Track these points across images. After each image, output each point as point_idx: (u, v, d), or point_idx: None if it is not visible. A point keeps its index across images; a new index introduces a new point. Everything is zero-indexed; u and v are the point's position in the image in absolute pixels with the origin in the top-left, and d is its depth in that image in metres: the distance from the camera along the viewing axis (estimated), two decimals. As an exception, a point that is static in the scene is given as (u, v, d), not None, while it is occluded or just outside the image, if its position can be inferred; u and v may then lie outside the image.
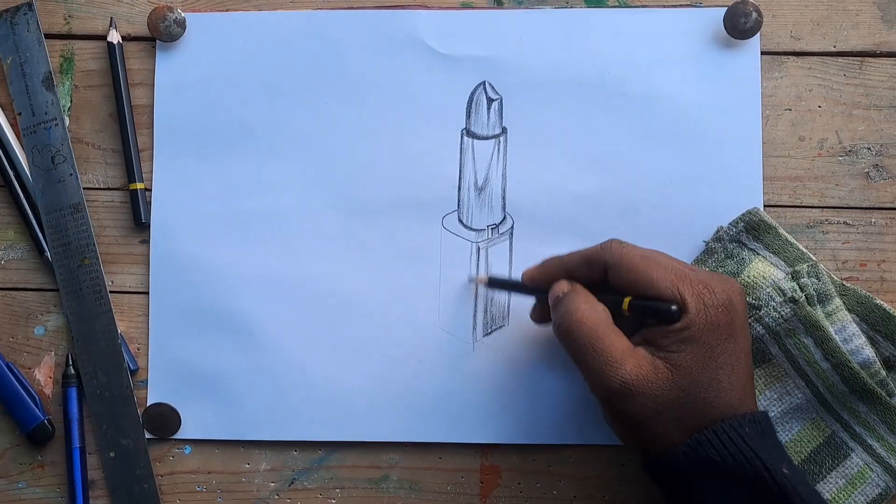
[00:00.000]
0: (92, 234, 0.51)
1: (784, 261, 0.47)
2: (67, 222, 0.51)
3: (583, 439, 0.50)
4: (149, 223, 0.51)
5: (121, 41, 0.52)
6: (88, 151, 0.52)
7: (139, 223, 0.51)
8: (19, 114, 0.52)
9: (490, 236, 0.50)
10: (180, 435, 0.50)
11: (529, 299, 0.47)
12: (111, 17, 0.52)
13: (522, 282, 0.46)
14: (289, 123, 0.51)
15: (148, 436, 0.51)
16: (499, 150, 0.50)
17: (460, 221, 0.50)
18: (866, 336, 0.47)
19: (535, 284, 0.45)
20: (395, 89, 0.51)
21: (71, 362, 0.51)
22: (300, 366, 0.50)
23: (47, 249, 0.51)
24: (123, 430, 0.50)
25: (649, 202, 0.50)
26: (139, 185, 0.51)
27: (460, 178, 0.51)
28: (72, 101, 0.52)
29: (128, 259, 0.52)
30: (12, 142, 0.51)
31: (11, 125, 0.52)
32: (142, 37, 0.52)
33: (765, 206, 0.50)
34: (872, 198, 0.50)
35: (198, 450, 0.51)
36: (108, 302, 0.51)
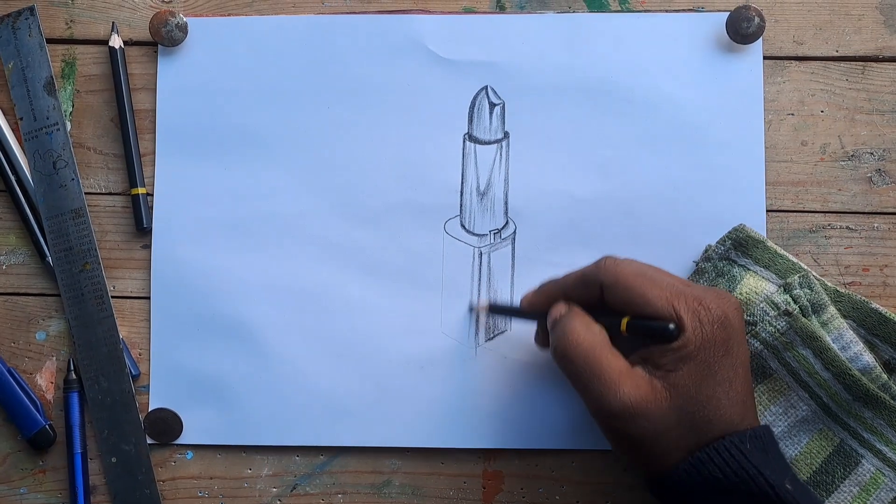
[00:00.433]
0: (93, 239, 0.51)
1: (775, 273, 0.47)
2: (69, 227, 0.51)
3: (585, 444, 0.50)
4: (150, 228, 0.51)
5: (122, 46, 0.52)
6: (90, 156, 0.52)
7: (141, 228, 0.51)
8: (21, 118, 0.52)
9: (492, 241, 0.50)
10: (182, 440, 0.50)
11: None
12: (113, 22, 0.52)
13: (521, 307, 0.46)
14: (291, 128, 0.51)
15: (149, 441, 0.50)
16: (501, 154, 0.50)
17: (462, 226, 0.50)
18: (864, 341, 0.47)
19: (533, 309, 0.45)
20: (398, 94, 0.51)
21: (72, 367, 0.51)
22: (302, 371, 0.50)
23: (49, 254, 0.51)
24: (125, 435, 0.50)
25: (652, 207, 0.50)
26: (141, 190, 0.51)
27: (462, 182, 0.50)
28: (73, 106, 0.52)
29: (129, 264, 0.52)
30: (14, 147, 0.51)
31: (13, 130, 0.52)
32: (144, 41, 0.52)
33: (767, 210, 0.50)
34: (875, 202, 0.50)
35: (199, 455, 0.51)
36: (109, 307, 0.51)
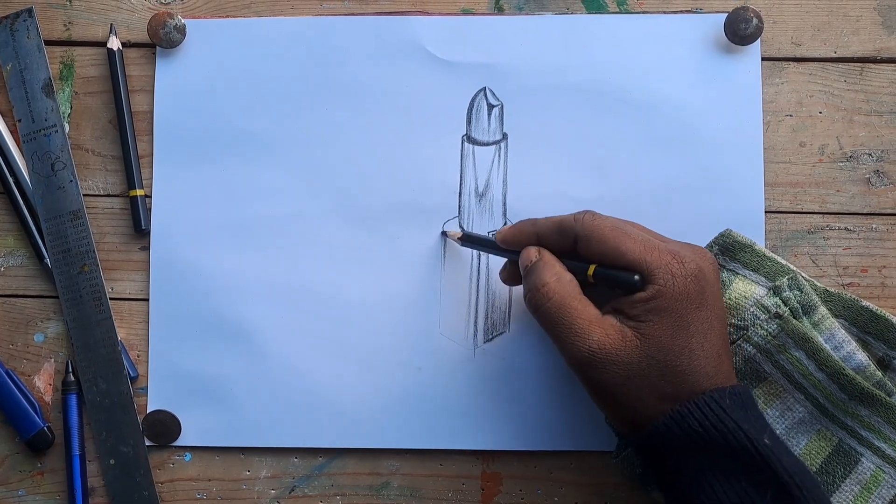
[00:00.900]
0: (92, 240, 0.51)
1: (765, 276, 0.47)
2: (67, 229, 0.51)
3: (584, 446, 0.49)
4: (149, 230, 0.51)
5: (121, 47, 0.52)
6: (88, 158, 0.52)
7: (139, 230, 0.51)
8: (19, 120, 0.52)
9: (491, 243, 0.50)
10: (180, 442, 0.50)
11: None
12: (111, 24, 0.52)
13: (497, 241, 0.46)
14: (289, 130, 0.51)
15: (148, 443, 0.50)
16: (499, 156, 0.50)
17: (461, 227, 0.50)
18: (857, 339, 0.47)
19: (507, 246, 0.46)
20: (396, 95, 0.51)
21: (71, 369, 0.51)
22: (301, 372, 0.50)
23: (47, 256, 0.51)
24: (123, 437, 0.50)
25: (650, 208, 0.50)
26: (139, 192, 0.51)
27: (461, 184, 0.50)
28: (72, 108, 0.52)
29: (128, 266, 0.51)
30: (12, 148, 0.51)
31: (11, 132, 0.52)
32: (142, 43, 0.52)
33: (766, 211, 0.50)
34: (873, 204, 0.50)
35: (198, 457, 0.51)
36: (108, 309, 0.51)
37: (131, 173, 0.51)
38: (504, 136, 0.50)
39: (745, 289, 0.46)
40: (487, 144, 0.50)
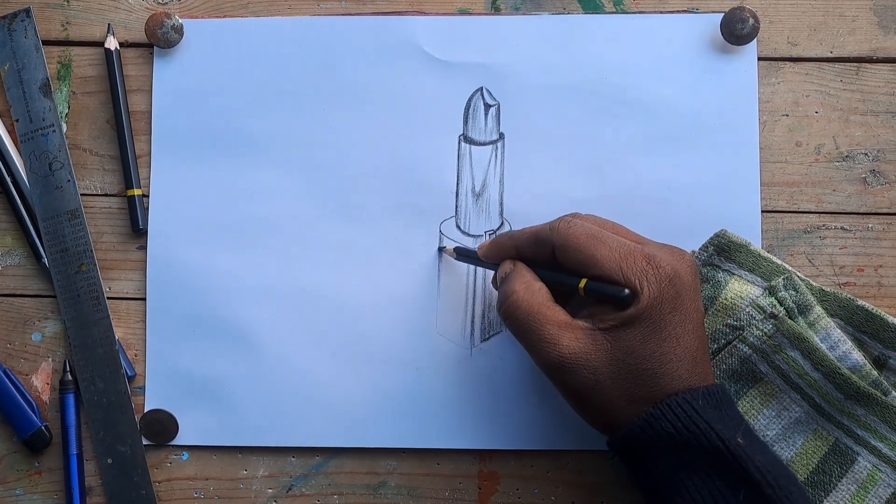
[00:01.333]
0: (89, 240, 0.51)
1: (760, 276, 0.47)
2: (65, 229, 0.51)
3: (581, 445, 0.50)
4: (146, 229, 0.51)
5: (118, 47, 0.52)
6: (86, 158, 0.52)
7: (137, 229, 0.51)
8: (17, 120, 0.52)
9: (488, 242, 0.50)
10: (178, 441, 0.50)
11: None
12: (109, 24, 0.52)
13: (479, 255, 0.47)
14: (286, 129, 0.51)
15: (145, 442, 0.50)
16: (496, 156, 0.50)
17: (458, 227, 0.50)
18: (853, 338, 0.47)
19: (488, 260, 0.46)
20: (393, 95, 0.51)
21: (68, 368, 0.51)
22: (298, 372, 0.50)
23: (45, 256, 0.51)
24: (121, 436, 0.50)
25: (647, 208, 0.50)
26: (137, 192, 0.51)
27: (458, 184, 0.51)
28: (69, 108, 0.52)
29: (125, 265, 0.52)
30: (10, 148, 0.51)
31: (9, 131, 0.52)
32: (139, 43, 0.52)
33: (762, 211, 0.50)
34: (869, 203, 0.50)
35: (195, 456, 0.51)
36: (105, 308, 0.51)
37: (129, 173, 0.51)
38: (501, 136, 0.50)
39: (740, 289, 0.46)
40: (484, 144, 0.50)
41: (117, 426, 0.50)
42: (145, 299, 0.51)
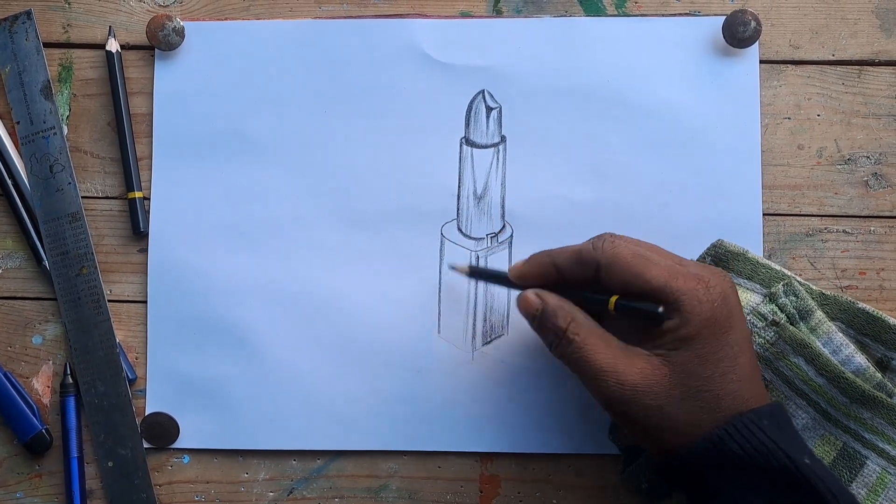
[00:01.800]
0: (90, 243, 0.51)
1: (759, 283, 0.47)
2: (66, 231, 0.51)
3: (583, 448, 0.49)
4: (147, 232, 0.51)
5: (119, 50, 0.52)
6: (87, 160, 0.52)
7: (138, 232, 0.51)
8: (18, 122, 0.52)
9: (489, 245, 0.50)
10: (178, 444, 0.50)
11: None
12: (110, 26, 0.52)
13: (510, 278, 0.45)
14: (288, 132, 0.51)
15: (146, 445, 0.50)
16: (498, 158, 0.50)
17: (459, 230, 0.50)
18: (855, 341, 0.47)
19: (524, 282, 0.44)
20: (394, 98, 0.51)
21: (69, 371, 0.51)
22: (299, 375, 0.50)
23: (45, 258, 0.51)
24: (122, 439, 0.50)
25: (648, 211, 0.50)
26: (138, 194, 0.51)
27: (459, 186, 0.51)
28: (70, 110, 0.52)
29: (126, 268, 0.52)
30: (11, 151, 0.51)
31: (10, 134, 0.52)
32: (140, 45, 0.52)
33: (764, 214, 0.50)
34: (871, 206, 0.50)
35: (196, 459, 0.51)
36: (106, 311, 0.51)
37: (130, 175, 0.51)
38: (502, 139, 0.50)
39: (740, 297, 0.46)
40: (486, 147, 0.50)
41: (118, 429, 0.50)
42: (146, 302, 0.51)
